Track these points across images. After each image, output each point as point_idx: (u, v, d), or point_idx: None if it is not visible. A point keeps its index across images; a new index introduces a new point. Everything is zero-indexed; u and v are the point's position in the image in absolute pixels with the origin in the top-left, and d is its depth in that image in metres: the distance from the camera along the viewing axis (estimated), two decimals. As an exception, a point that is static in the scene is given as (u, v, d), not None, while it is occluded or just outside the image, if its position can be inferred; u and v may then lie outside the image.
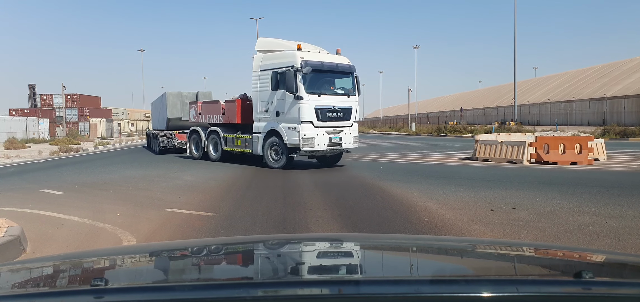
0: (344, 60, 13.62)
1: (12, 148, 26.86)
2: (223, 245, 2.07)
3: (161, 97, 22.93)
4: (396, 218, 6.85)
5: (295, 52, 12.78)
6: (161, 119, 22.31)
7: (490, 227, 6.20)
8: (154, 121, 25.79)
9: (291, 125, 12.76)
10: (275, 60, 13.31)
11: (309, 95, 12.61)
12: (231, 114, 15.51)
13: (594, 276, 1.23)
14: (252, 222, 6.65)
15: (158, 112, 23.78)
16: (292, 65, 12.55)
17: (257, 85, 13.89)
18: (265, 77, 13.54)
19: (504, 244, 2.48)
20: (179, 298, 1.14)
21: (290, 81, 12.48)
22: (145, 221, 6.88)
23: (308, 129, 12.59)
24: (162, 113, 22.03)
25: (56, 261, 1.71)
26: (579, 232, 5.83)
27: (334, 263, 1.75)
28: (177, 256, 1.80)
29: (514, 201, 7.90)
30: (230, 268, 1.69)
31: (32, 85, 52.68)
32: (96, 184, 11.16)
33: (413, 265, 1.70)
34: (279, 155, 13.36)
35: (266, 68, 13.46)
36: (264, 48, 14.01)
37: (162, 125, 22.08)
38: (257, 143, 13.96)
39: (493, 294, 1.11)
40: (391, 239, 2.24)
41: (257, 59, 13.92)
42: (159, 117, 23.39)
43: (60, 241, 5.74)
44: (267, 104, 13.52)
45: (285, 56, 13.01)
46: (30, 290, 1.36)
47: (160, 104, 22.88)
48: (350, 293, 1.16)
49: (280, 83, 12.97)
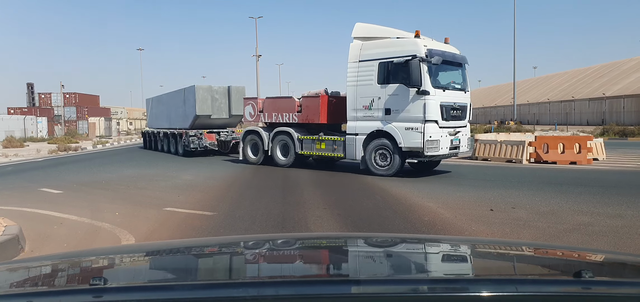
0: (456, 51, 11.98)
1: (10, 147, 26.81)
2: (222, 244, 2.07)
3: (179, 92, 20.16)
4: (396, 218, 6.85)
5: (416, 39, 11.00)
6: (183, 115, 19.42)
7: (489, 226, 6.20)
8: (163, 118, 22.34)
9: (410, 125, 10.83)
10: (384, 49, 11.30)
11: (435, 90, 10.83)
12: (312, 112, 13.21)
13: (593, 275, 1.23)
14: (251, 221, 6.64)
15: (174, 109, 20.70)
16: (415, 54, 10.64)
17: (354, 79, 11.76)
18: (367, 69, 11.49)
19: (503, 243, 2.50)
20: (177, 298, 1.13)
21: (415, 73, 10.54)
22: (144, 220, 6.86)
23: (433, 130, 10.74)
24: (185, 109, 19.22)
25: (55, 260, 1.71)
26: (578, 231, 5.82)
27: (334, 263, 1.74)
28: (176, 256, 1.79)
29: (513, 201, 7.90)
30: (229, 268, 1.68)
31: (31, 84, 52.72)
32: (95, 183, 11.14)
33: (413, 264, 1.69)
34: (387, 160, 11.32)
35: (369, 58, 11.44)
36: (363, 35, 11.90)
37: (183, 124, 19.28)
38: (353, 146, 11.87)
39: (493, 294, 1.11)
40: (391, 239, 2.21)
41: (354, 47, 11.82)
42: (175, 114, 20.41)
43: (58, 240, 5.72)
44: (370, 100, 11.45)
45: (402, 44, 11.10)
46: (28, 289, 1.35)
47: (180, 99, 19.92)
48: (350, 293, 1.15)
49: (394, 75, 11.03)
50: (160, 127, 22.28)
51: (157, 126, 23.02)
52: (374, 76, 11.39)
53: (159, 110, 23.31)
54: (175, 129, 20.07)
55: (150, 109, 25.11)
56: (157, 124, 23.22)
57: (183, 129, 19.11)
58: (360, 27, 12.11)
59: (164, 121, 22.03)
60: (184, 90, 19.48)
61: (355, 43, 11.91)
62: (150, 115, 25.11)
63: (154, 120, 24.15)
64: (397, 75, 11.02)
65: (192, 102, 18.36)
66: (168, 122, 21.38)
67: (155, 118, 23.96)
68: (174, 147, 20.10)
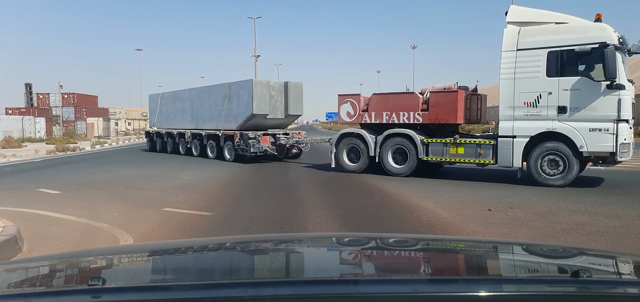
0: None
1: (8, 147, 26.77)
2: (221, 244, 2.06)
3: (219, 87, 17.83)
4: (394, 218, 6.85)
5: (605, 25, 9.34)
6: (228, 114, 17.05)
7: (487, 226, 6.21)
8: (182, 117, 20.06)
9: (596, 125, 9.12)
10: (554, 36, 9.56)
11: (629, 83, 9.28)
12: (444, 111, 11.22)
13: (591, 275, 1.23)
14: (249, 222, 6.64)
15: (206, 107, 18.42)
16: (605, 42, 8.95)
17: (510, 70, 9.88)
18: (530, 58, 9.70)
19: (502, 243, 2.47)
20: (176, 298, 1.13)
21: (610, 64, 8.81)
22: (143, 220, 6.86)
23: (626, 131, 9.12)
24: (231, 107, 16.88)
25: (53, 261, 1.70)
26: (576, 231, 5.84)
27: (333, 263, 1.74)
28: (175, 256, 1.79)
29: (511, 201, 7.91)
30: (228, 267, 1.68)
31: (29, 84, 52.55)
32: (93, 183, 11.13)
33: (412, 264, 1.69)
34: (560, 168, 9.55)
35: (533, 46, 9.68)
36: (522, 20, 10.06)
37: (227, 124, 17.01)
38: (509, 151, 9.96)
39: (492, 294, 1.11)
40: (390, 239, 2.21)
41: (510, 34, 9.96)
42: (209, 113, 18.20)
43: (57, 240, 5.71)
44: (534, 96, 9.63)
45: (583, 30, 9.39)
46: (27, 290, 1.36)
47: (219, 95, 17.63)
48: (350, 293, 1.15)
49: (573, 66, 9.40)
50: (179, 126, 20.01)
51: (171, 126, 20.74)
52: (540, 67, 9.58)
53: (174, 107, 20.77)
54: (215, 130, 17.56)
55: (160, 106, 22.05)
56: (171, 123, 20.83)
57: (230, 130, 16.75)
58: (516, 10, 10.33)
59: (186, 120, 19.64)
60: (230, 86, 17.04)
61: (510, 29, 10.04)
62: (160, 114, 22.05)
63: (165, 120, 21.55)
64: (579, 67, 9.41)
65: (247, 100, 16.03)
66: (193, 122, 19.15)
67: (167, 117, 21.40)
68: (215, 150, 17.69)
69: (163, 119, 21.81)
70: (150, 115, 24.01)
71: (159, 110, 22.12)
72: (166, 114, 21.54)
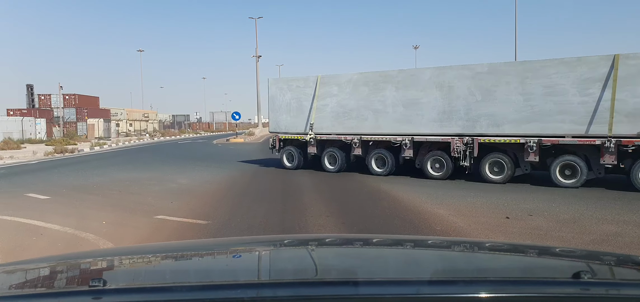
0: None
1: (6, 148, 26.34)
2: (220, 246, 2.08)
3: (556, 62, 9.77)
4: (405, 226, 6.32)
5: None
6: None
7: (507, 237, 5.69)
8: (394, 117, 11.94)
9: None
10: None
11: None
12: None
13: (593, 276, 1.27)
14: (248, 232, 6.14)
15: (513, 99, 10.19)
16: None
17: None
18: None
19: (503, 244, 2.49)
20: (177, 299, 1.14)
21: None
22: (132, 230, 6.35)
23: None
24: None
25: (53, 262, 1.69)
26: (608, 243, 5.29)
27: (334, 263, 1.72)
28: (175, 257, 1.79)
29: (529, 207, 7.38)
30: (228, 269, 1.65)
31: (30, 85, 52.21)
32: (86, 187, 10.62)
33: (413, 265, 1.67)
34: None
35: None
36: None
37: (624, 127, 9.11)
38: None
39: (493, 295, 1.10)
40: (391, 239, 2.19)
41: None
42: (531, 110, 9.97)
43: (35, 253, 5.20)
44: None
45: None
46: (28, 291, 1.35)
47: (570, 77, 9.56)
48: (350, 293, 1.14)
49: None
50: (394, 132, 11.95)
51: (362, 131, 12.45)
52: None
53: (366, 102, 12.41)
54: (592, 137, 9.39)
55: (318, 99, 13.11)
56: (363, 127, 12.45)
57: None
58: None
59: (416, 121, 11.60)
60: (618, 59, 9.09)
61: None
62: (324, 112, 13.06)
63: (338, 121, 12.84)
64: None
65: None
66: (437, 125, 11.27)
67: (342, 116, 12.76)
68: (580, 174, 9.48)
69: (332, 120, 12.94)
70: (272, 113, 14.17)
71: (318, 104, 13.07)
72: (339, 112, 12.83)
